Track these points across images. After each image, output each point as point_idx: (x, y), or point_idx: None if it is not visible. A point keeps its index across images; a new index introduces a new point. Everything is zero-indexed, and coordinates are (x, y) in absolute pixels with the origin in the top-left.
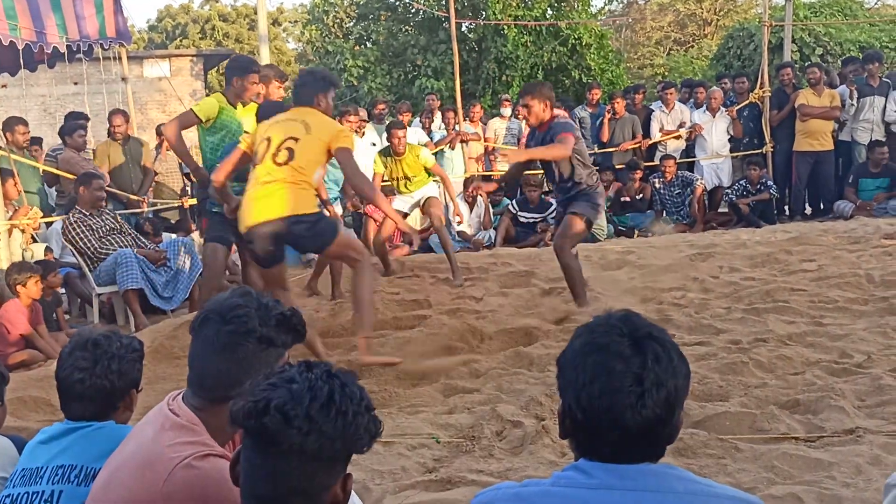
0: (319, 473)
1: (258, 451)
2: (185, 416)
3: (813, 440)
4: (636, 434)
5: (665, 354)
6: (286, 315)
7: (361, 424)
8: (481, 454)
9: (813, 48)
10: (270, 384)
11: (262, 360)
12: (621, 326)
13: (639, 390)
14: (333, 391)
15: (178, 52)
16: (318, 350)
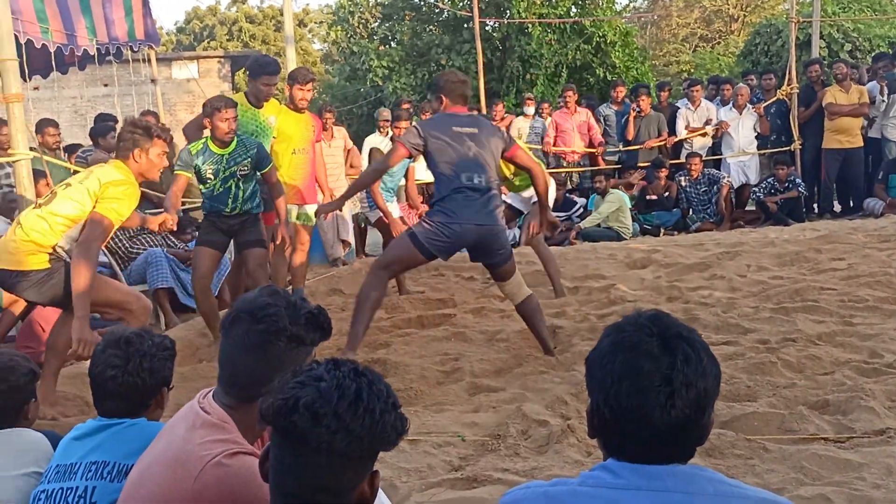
0: (347, 471)
1: (287, 448)
2: (216, 414)
3: (843, 441)
4: (665, 434)
5: (695, 355)
6: (314, 313)
7: (388, 422)
8: (507, 453)
9: (841, 44)
10: (299, 382)
11: (292, 359)
12: (650, 326)
13: (668, 391)
14: (361, 389)
15: (206, 54)
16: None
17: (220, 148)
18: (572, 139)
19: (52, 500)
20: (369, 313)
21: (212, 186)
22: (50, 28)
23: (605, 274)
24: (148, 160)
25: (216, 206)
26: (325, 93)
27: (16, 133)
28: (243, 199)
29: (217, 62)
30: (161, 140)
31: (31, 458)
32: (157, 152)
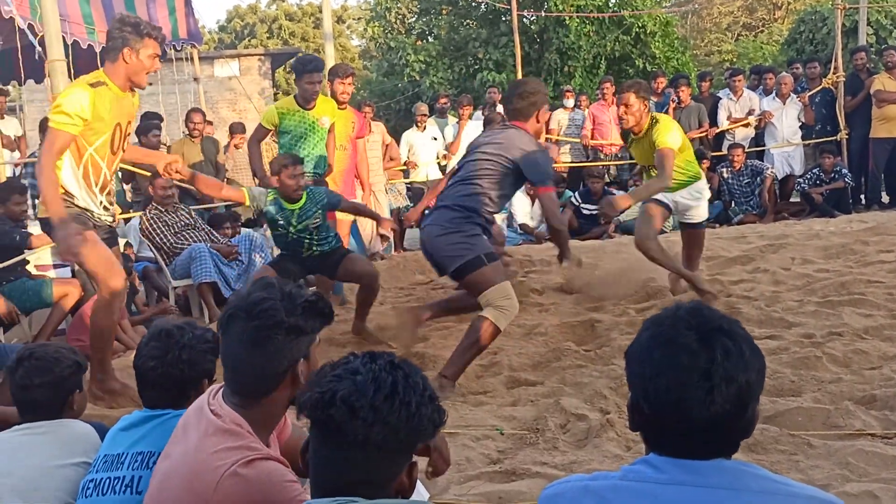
0: (385, 463)
1: (325, 441)
2: (227, 417)
3: (890, 437)
4: (705, 429)
5: (735, 348)
6: (311, 301)
7: (425, 415)
8: (545, 446)
9: (890, 31)
10: (336, 375)
11: (294, 349)
12: (689, 319)
13: (707, 385)
14: (397, 382)
15: (247, 52)
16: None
17: (290, 203)
18: (610, 131)
19: (100, 489)
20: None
21: (285, 233)
22: (96, 29)
23: (644, 267)
24: (138, 60)
25: (291, 248)
26: (364, 88)
27: None
28: (318, 243)
29: (258, 60)
30: (153, 40)
31: (79, 449)
32: (147, 53)
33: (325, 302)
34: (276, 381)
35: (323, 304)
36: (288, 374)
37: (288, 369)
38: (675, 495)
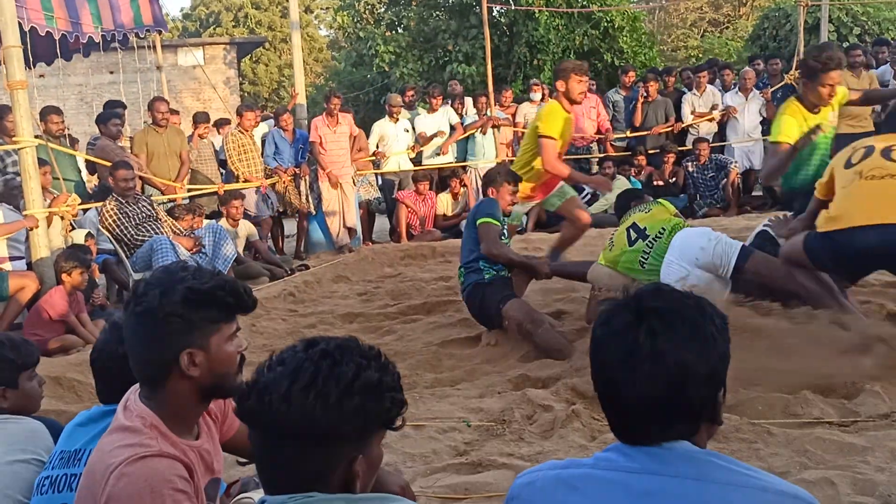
0: (316, 454)
1: (253, 433)
2: (135, 413)
3: (847, 425)
4: (639, 411)
5: (665, 328)
6: (197, 290)
7: (350, 406)
8: (512, 438)
9: (850, 28)
10: (267, 367)
11: (177, 338)
12: (630, 301)
13: (630, 364)
14: (318, 373)
15: (212, 41)
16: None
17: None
18: (583, 124)
19: (56, 486)
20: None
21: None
22: (54, 16)
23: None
24: None
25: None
26: (332, 79)
27: (20, 120)
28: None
29: (223, 48)
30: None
31: (28, 446)
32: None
33: (225, 290)
34: (162, 370)
35: (222, 293)
36: (173, 364)
37: (173, 359)
38: (645, 485)
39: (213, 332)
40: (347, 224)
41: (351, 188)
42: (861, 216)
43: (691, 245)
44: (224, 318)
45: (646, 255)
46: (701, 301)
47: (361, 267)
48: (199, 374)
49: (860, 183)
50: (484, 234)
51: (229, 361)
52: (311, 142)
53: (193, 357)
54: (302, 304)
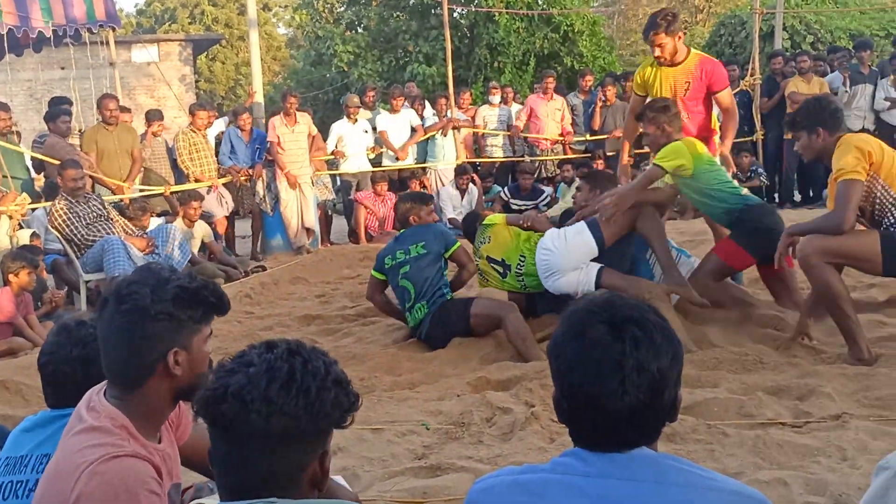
0: (291, 454)
1: (223, 439)
2: (103, 413)
3: (800, 426)
4: (621, 420)
5: (646, 336)
6: (188, 288)
7: (328, 400)
8: (471, 441)
9: (804, 36)
10: (229, 370)
11: (165, 337)
12: (601, 311)
13: (619, 376)
14: (294, 369)
15: (167, 37)
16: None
17: None
18: (546, 126)
19: (2, 493)
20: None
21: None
22: (2, 10)
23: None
24: None
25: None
26: (290, 78)
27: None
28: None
29: (178, 45)
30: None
31: None
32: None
33: (209, 291)
34: (146, 370)
35: (207, 293)
36: (159, 363)
37: (159, 359)
38: (603, 489)
39: (196, 333)
40: (305, 225)
41: (309, 188)
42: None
43: (550, 257)
44: (205, 319)
45: (522, 281)
46: (652, 306)
47: (319, 268)
48: (182, 374)
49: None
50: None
51: (206, 363)
52: (268, 141)
53: (177, 356)
54: (258, 306)
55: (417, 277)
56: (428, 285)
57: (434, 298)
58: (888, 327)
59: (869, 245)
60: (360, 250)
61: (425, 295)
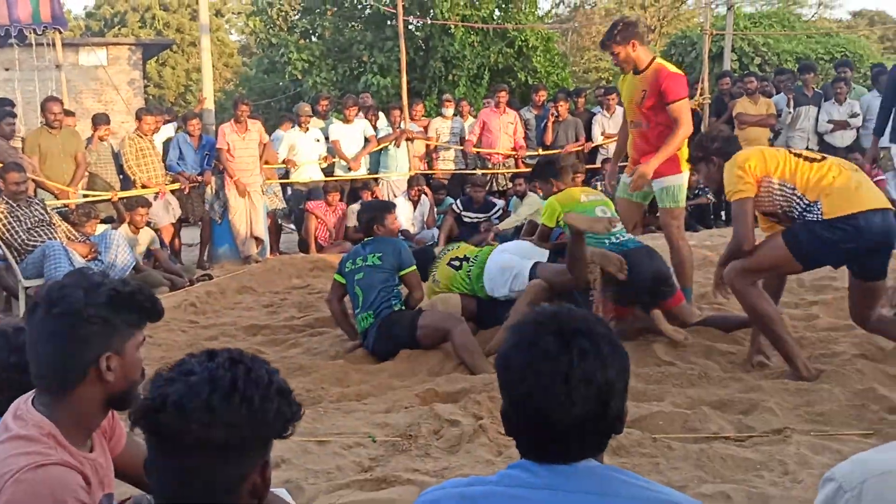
0: (231, 465)
1: (162, 450)
2: (30, 422)
3: (743, 440)
4: (569, 431)
5: (593, 348)
6: (121, 292)
7: (271, 409)
8: (418, 453)
9: (752, 58)
10: (168, 379)
11: (97, 342)
12: (549, 323)
13: (566, 388)
14: (237, 378)
15: (116, 41)
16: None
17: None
18: (498, 139)
19: None
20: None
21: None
22: None
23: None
24: None
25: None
26: (242, 85)
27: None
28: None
29: (128, 49)
30: None
31: None
32: None
33: (144, 296)
34: (77, 375)
35: (142, 298)
36: (91, 368)
37: (91, 363)
38: (549, 501)
39: (129, 338)
40: (255, 234)
41: (259, 197)
42: (870, 200)
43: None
44: (138, 325)
45: (470, 269)
46: (599, 317)
47: (268, 278)
48: (114, 381)
49: (848, 172)
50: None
51: (139, 369)
52: (217, 148)
53: (110, 362)
54: (203, 316)
55: (368, 286)
56: (377, 296)
57: (381, 310)
58: (833, 344)
59: (776, 250)
60: (311, 260)
61: (373, 305)
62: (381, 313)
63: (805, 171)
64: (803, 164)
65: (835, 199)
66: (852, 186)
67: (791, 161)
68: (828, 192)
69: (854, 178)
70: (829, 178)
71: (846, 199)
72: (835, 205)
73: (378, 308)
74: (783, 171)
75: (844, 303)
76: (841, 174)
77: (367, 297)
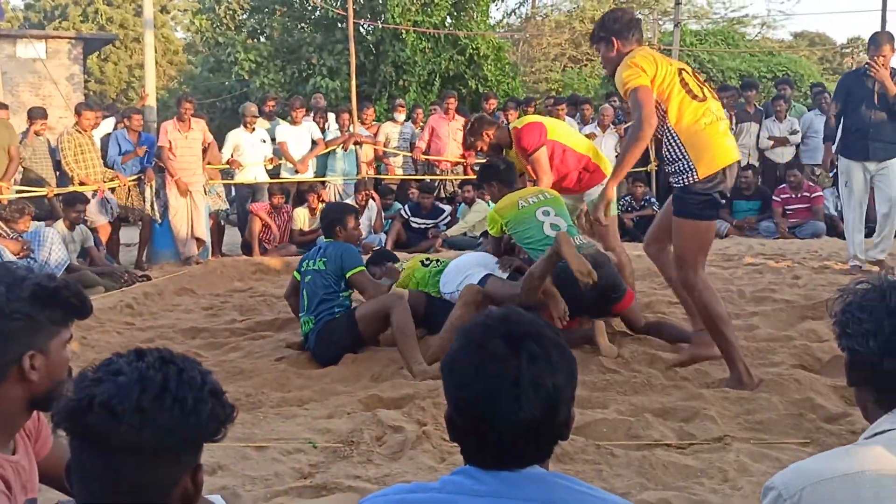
0: (162, 468)
1: (88, 453)
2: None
3: (684, 447)
4: (516, 436)
5: (542, 353)
6: (46, 287)
7: (204, 411)
8: (359, 460)
9: None
10: (95, 379)
11: (18, 339)
12: (498, 326)
13: (514, 392)
14: (168, 379)
15: (56, 34)
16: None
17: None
18: (447, 146)
19: None
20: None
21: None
22: None
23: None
24: None
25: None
26: (186, 83)
27: None
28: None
29: (68, 43)
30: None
31: None
32: None
33: (70, 292)
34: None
35: (68, 294)
36: (13, 367)
37: (13, 361)
38: None
39: (54, 336)
40: (196, 234)
41: (201, 197)
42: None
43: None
44: (64, 322)
45: (436, 268)
46: (548, 323)
47: (209, 280)
48: (38, 380)
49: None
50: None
51: (65, 369)
52: (159, 146)
53: (34, 360)
54: (140, 317)
55: (312, 291)
56: (319, 301)
57: (321, 316)
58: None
59: (682, 229)
60: (254, 263)
61: (314, 310)
62: (321, 320)
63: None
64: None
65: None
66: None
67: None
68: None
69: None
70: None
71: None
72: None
73: (319, 315)
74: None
75: (784, 314)
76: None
77: (311, 302)
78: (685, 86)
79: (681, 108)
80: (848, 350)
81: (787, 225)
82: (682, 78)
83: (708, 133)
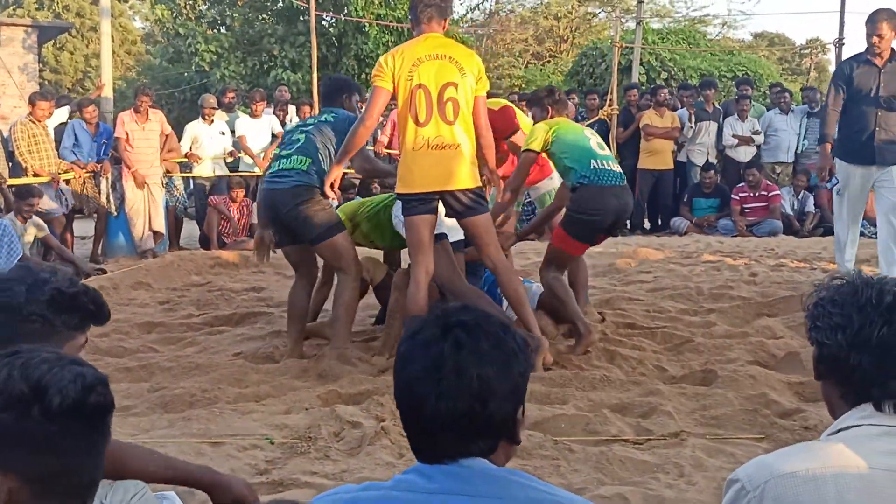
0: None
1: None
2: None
3: (641, 443)
4: (442, 424)
5: (470, 341)
6: (65, 292)
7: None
8: (317, 455)
9: (659, 72)
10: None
11: (37, 341)
12: (441, 316)
13: (436, 377)
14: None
15: (10, 21)
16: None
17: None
18: None
19: None
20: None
21: None
22: None
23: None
24: None
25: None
26: (145, 74)
27: None
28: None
29: (23, 31)
30: None
31: None
32: None
33: (89, 298)
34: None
35: (86, 300)
36: None
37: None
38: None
39: (68, 340)
40: (153, 227)
41: (158, 190)
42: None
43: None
44: (80, 327)
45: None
46: (504, 320)
47: (165, 274)
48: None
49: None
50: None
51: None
52: (115, 137)
53: None
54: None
55: (312, 138)
56: (318, 150)
57: (320, 166)
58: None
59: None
60: (212, 257)
61: (314, 154)
62: (318, 172)
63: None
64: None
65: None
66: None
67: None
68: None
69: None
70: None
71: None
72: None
73: (317, 162)
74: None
75: (741, 311)
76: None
77: (310, 146)
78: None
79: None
80: (817, 343)
81: (745, 223)
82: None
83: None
